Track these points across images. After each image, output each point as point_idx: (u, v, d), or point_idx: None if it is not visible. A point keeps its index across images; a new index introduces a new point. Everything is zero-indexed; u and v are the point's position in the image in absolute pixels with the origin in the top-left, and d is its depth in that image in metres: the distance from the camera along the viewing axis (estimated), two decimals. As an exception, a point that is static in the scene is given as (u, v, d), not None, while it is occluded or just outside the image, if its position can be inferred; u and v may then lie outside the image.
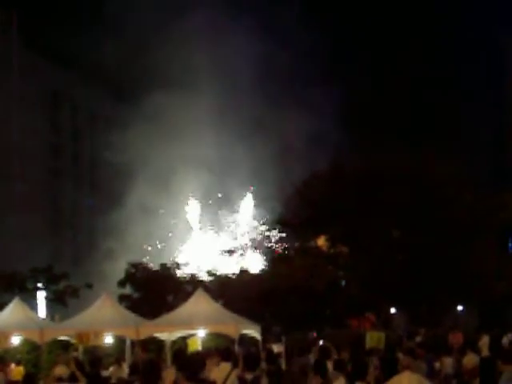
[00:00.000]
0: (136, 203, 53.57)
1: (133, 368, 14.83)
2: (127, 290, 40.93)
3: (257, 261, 49.38)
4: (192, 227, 54.83)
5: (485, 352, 16.60)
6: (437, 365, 17.05)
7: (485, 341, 20.17)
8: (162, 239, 54.23)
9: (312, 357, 15.98)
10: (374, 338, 18.20)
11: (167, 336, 22.35)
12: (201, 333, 21.38)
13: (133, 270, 41.62)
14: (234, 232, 53.93)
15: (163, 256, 48.83)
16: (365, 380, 9.93)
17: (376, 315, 39.79)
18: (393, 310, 42.79)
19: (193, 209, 54.90)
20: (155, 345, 22.38)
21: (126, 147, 55.02)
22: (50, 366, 19.26)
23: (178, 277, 42.04)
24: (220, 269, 44.69)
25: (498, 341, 18.80)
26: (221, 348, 15.73)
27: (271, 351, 17.49)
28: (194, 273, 42.98)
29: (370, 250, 39.71)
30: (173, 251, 52.64)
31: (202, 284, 36.64)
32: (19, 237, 63.15)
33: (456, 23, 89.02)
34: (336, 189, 40.73)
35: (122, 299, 37.51)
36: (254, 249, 50.99)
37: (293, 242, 46.36)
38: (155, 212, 54.17)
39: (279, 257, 46.28)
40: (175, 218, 54.64)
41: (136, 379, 12.43)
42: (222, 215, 54.35)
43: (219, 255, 50.06)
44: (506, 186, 48.34)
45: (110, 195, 64.86)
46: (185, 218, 54.98)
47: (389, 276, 38.35)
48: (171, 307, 27.78)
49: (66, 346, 22.38)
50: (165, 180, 52.48)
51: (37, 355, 22.60)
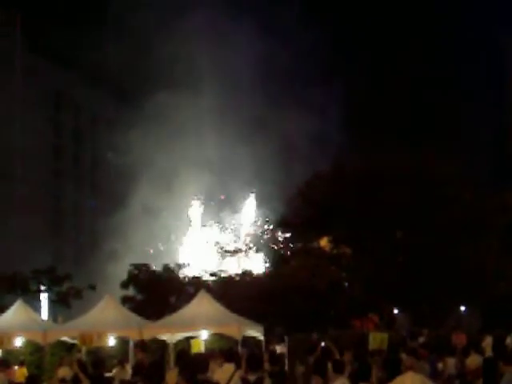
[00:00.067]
0: (138, 204, 53.62)
1: (136, 369, 14.80)
2: (130, 292, 40.94)
3: (259, 261, 49.35)
4: (194, 228, 54.83)
5: (488, 353, 16.56)
6: (440, 365, 17.01)
7: (488, 341, 20.13)
8: (165, 240, 54.25)
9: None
10: (377, 339, 18.13)
11: (170, 337, 22.35)
12: (204, 334, 21.39)
13: (136, 272, 41.60)
14: (237, 233, 53.93)
15: (166, 257, 48.82)
16: (368, 381, 9.92)
17: (379, 316, 39.73)
18: (396, 311, 42.75)
19: (195, 210, 54.91)
20: (158, 346, 22.36)
21: (128, 148, 55.07)
22: (53, 368, 19.32)
23: (181, 278, 42.03)
24: (222, 270, 44.68)
25: (502, 341, 18.73)
26: (224, 349, 15.73)
27: (274, 352, 17.49)
28: (197, 274, 42.95)
29: (373, 251, 39.70)
30: (175, 252, 52.65)
31: (205, 285, 36.65)
32: (21, 238, 63.16)
33: (456, 23, 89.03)
34: (337, 189, 40.71)
35: (125, 301, 37.54)
36: (256, 250, 50.95)
37: (295, 243, 46.30)
38: (157, 213, 54.18)
39: (282, 257, 46.22)
40: (177, 220, 54.64)
41: (139, 380, 12.41)
42: (224, 216, 54.38)
43: (222, 256, 50.05)
44: (506, 186, 48.18)
45: (112, 196, 64.91)
46: (187, 220, 54.99)
47: (391, 277, 38.32)
48: (174, 309, 27.79)
49: (69, 348, 22.39)
50: (167, 181, 52.49)
51: (40, 357, 22.62)
